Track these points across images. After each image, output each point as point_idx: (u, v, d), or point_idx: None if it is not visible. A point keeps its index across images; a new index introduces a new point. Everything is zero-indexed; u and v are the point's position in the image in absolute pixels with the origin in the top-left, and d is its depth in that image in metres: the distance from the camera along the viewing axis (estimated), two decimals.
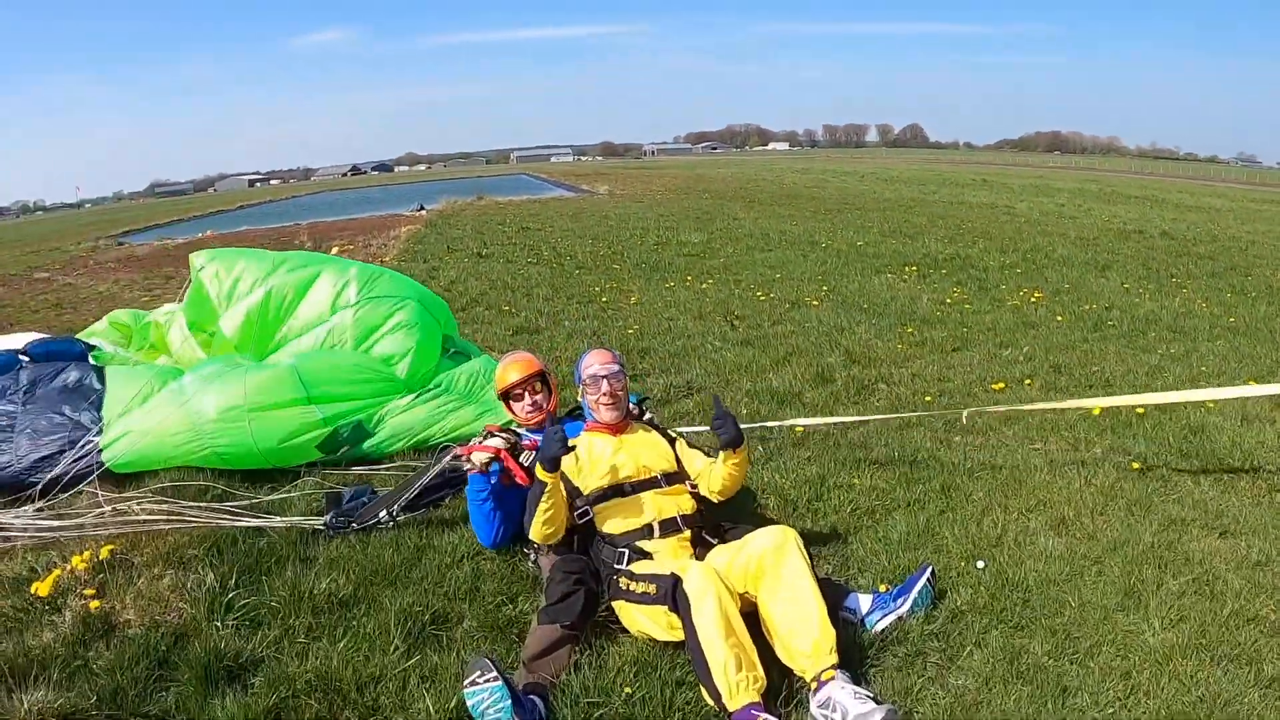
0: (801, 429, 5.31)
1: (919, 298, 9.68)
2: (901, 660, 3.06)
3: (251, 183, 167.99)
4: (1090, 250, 13.94)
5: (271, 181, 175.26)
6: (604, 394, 3.65)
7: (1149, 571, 3.59)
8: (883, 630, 3.17)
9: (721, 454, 3.49)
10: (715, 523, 3.60)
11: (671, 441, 3.81)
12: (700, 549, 3.42)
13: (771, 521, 4.00)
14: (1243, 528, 4.02)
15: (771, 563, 3.00)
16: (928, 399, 5.95)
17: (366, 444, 5.08)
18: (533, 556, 3.75)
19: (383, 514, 4.11)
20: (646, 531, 3.40)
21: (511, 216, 16.90)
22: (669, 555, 3.33)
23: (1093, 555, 3.78)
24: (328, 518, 4.12)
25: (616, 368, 3.70)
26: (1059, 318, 8.67)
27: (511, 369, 4.12)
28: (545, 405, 4.14)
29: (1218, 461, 4.87)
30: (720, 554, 3.23)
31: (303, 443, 4.88)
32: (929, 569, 3.34)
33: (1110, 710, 2.78)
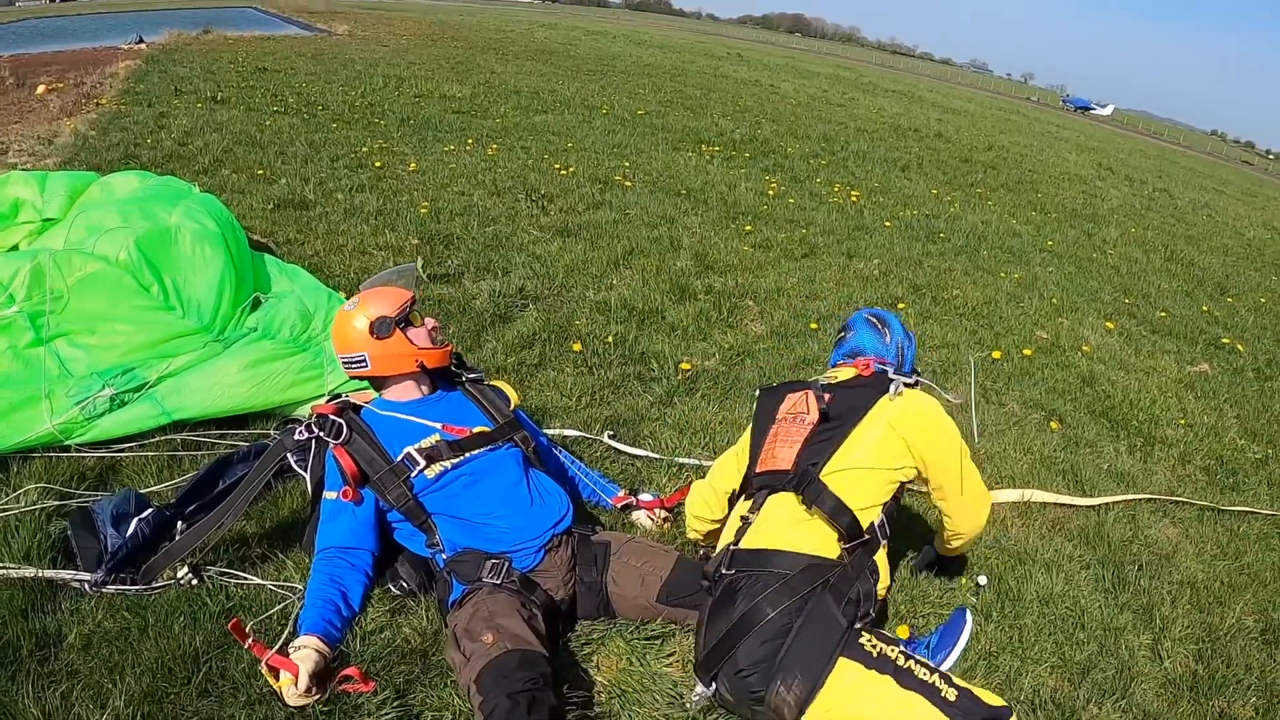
0: (689, 365, 4.35)
1: (736, 185, 8.95)
2: None
3: None
4: (879, 146, 14.08)
5: None
6: None
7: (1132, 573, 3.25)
8: None
9: None
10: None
11: None
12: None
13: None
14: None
15: None
16: (813, 325, 5.19)
17: (131, 415, 3.16)
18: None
19: (182, 573, 2.45)
20: None
21: (245, 54, 14.78)
22: None
23: (1070, 553, 3.29)
24: (98, 572, 2.40)
25: None
26: (887, 223, 8.38)
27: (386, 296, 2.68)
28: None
29: (1124, 422, 4.70)
30: None
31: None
32: (966, 615, 2.48)
33: None
